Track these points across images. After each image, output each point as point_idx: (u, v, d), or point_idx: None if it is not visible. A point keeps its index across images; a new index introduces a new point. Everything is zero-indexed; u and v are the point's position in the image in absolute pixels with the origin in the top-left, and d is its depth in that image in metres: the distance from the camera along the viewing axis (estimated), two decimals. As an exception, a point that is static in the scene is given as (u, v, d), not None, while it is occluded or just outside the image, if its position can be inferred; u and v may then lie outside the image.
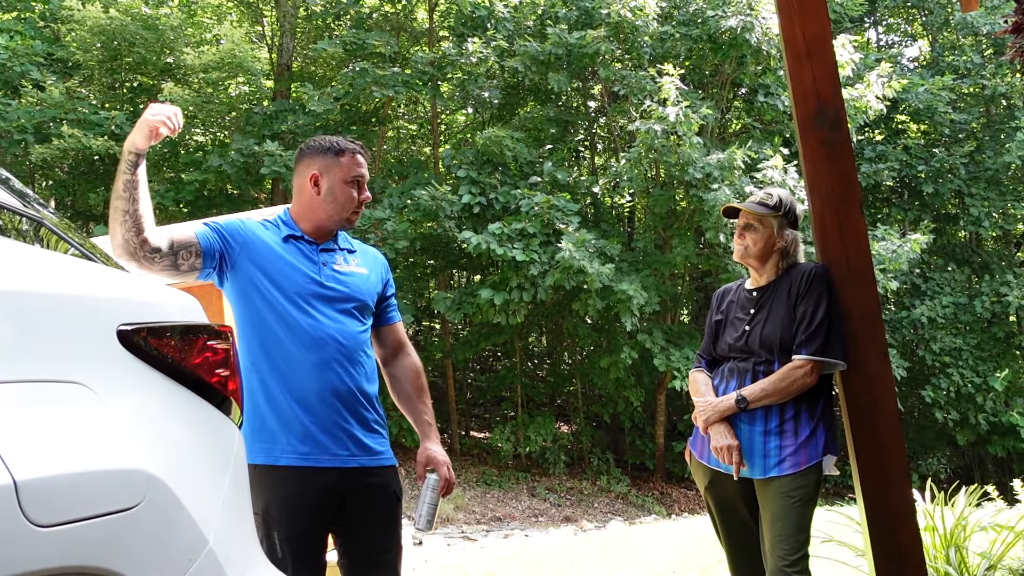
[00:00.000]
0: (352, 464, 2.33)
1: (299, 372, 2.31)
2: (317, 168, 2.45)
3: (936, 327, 16.24)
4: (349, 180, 2.45)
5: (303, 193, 2.48)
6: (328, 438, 2.30)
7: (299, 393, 2.30)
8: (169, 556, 1.19)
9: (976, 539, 4.05)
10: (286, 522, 2.22)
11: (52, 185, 16.17)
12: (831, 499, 12.71)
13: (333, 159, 2.45)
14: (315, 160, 2.46)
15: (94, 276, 1.39)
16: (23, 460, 0.98)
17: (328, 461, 2.29)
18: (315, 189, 2.44)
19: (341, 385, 2.34)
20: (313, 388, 2.31)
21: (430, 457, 2.52)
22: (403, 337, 2.68)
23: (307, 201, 2.46)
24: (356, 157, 2.47)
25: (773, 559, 2.58)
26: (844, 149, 2.72)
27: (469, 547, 9.41)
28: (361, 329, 2.47)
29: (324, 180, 2.44)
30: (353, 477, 2.33)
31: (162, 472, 1.20)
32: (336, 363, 2.35)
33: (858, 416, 2.63)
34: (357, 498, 2.35)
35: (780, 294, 2.80)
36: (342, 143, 2.48)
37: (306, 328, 2.33)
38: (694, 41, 14.65)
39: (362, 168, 2.48)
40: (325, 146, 2.47)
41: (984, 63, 17.70)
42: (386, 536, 2.41)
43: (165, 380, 1.36)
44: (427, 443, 2.54)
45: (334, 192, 2.43)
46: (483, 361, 20.36)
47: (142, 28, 15.04)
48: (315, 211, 2.45)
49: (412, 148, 19.95)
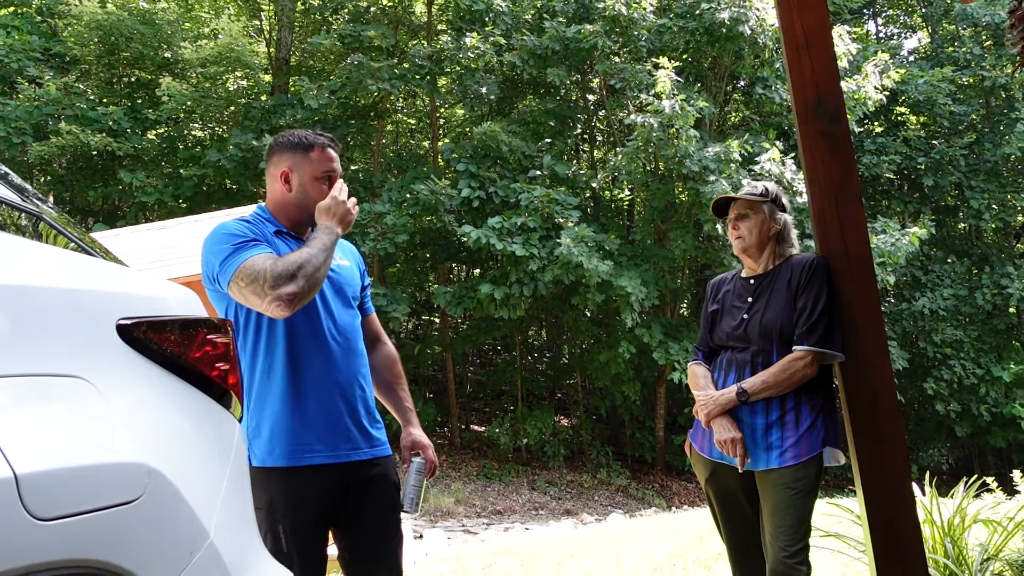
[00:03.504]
0: (355, 458, 2.35)
1: (311, 368, 2.31)
2: (287, 164, 2.41)
3: (937, 319, 16.25)
4: (319, 176, 2.40)
5: (275, 190, 2.44)
6: (334, 432, 2.31)
7: (309, 389, 2.30)
8: (170, 549, 1.20)
9: (975, 530, 4.06)
10: (291, 516, 2.22)
11: (50, 181, 16.14)
12: (831, 491, 12.73)
13: (302, 155, 2.40)
14: (284, 156, 2.42)
15: (94, 270, 1.39)
16: (24, 454, 0.98)
17: (334, 457, 2.30)
18: (286, 186, 2.41)
19: (347, 377, 2.36)
20: (322, 383, 2.31)
21: (415, 441, 2.57)
22: (379, 327, 2.71)
23: (279, 198, 2.43)
24: (326, 151, 2.42)
25: (774, 550, 2.59)
26: (843, 141, 2.71)
27: (470, 540, 9.43)
28: (356, 319, 2.49)
29: (294, 176, 2.40)
30: (357, 469, 2.35)
31: (163, 465, 1.20)
32: (341, 356, 2.36)
33: (857, 408, 2.63)
34: (361, 490, 2.36)
35: (779, 283, 2.79)
36: (311, 137, 2.43)
37: (315, 323, 2.33)
38: (691, 34, 14.62)
39: (333, 163, 2.43)
40: (294, 141, 2.42)
41: (984, 54, 17.67)
42: (388, 526, 2.42)
43: (165, 374, 1.36)
44: (410, 428, 2.60)
45: (304, 189, 2.39)
46: (483, 355, 20.38)
47: (139, 23, 15.01)
48: (288, 208, 2.42)
49: (411, 142, 19.93)
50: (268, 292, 2.12)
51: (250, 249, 2.22)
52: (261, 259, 2.18)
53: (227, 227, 2.32)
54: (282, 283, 2.12)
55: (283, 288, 2.12)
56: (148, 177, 14.88)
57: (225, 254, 2.23)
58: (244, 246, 2.23)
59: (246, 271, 2.16)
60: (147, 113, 15.70)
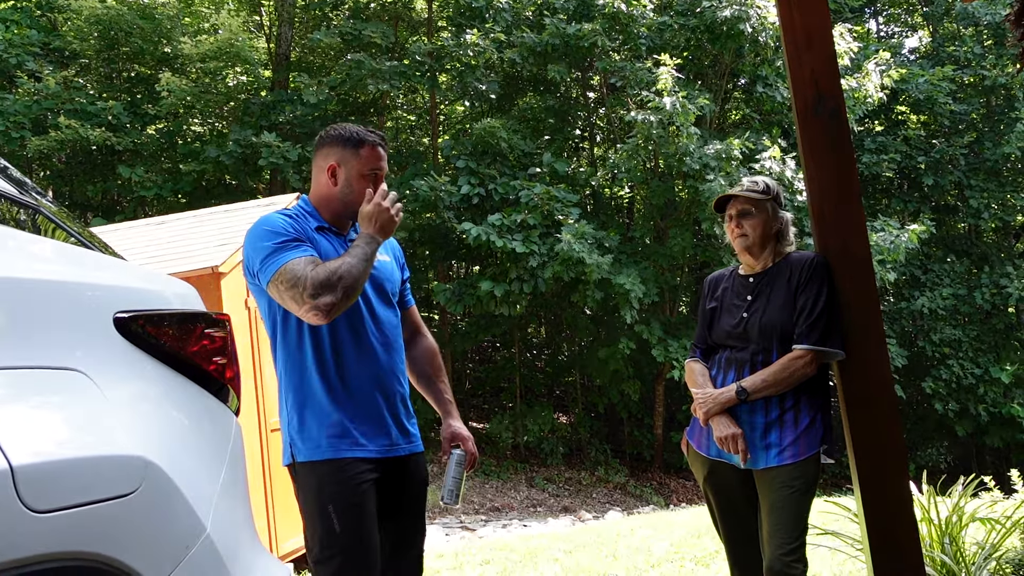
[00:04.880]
0: (394, 454, 2.37)
1: (353, 365, 2.33)
2: (335, 159, 2.41)
3: (936, 318, 16.26)
4: (367, 173, 2.41)
5: (320, 183, 2.45)
6: (376, 428, 2.34)
7: (352, 387, 2.32)
8: (167, 542, 1.19)
9: (972, 529, 4.07)
10: (341, 500, 2.23)
11: (49, 176, 16.13)
12: (829, 489, 12.74)
13: (352, 151, 2.41)
14: (334, 150, 2.42)
15: (92, 264, 1.39)
16: (20, 446, 0.97)
17: (376, 452, 2.32)
18: (332, 180, 2.42)
19: (388, 374, 2.39)
20: (365, 380, 2.34)
21: (455, 433, 2.60)
22: (419, 319, 2.73)
23: (324, 192, 2.44)
24: (376, 150, 2.43)
25: (770, 548, 2.59)
26: (843, 139, 2.70)
27: (468, 537, 9.43)
28: (396, 316, 2.52)
29: (341, 171, 2.41)
30: (395, 464, 2.38)
31: (159, 459, 1.20)
32: (382, 353, 2.39)
33: (856, 406, 2.63)
34: (397, 484, 2.39)
35: (779, 281, 2.78)
36: (362, 134, 2.43)
37: (357, 321, 2.35)
38: (692, 32, 14.61)
39: (381, 161, 2.44)
40: (345, 136, 2.42)
41: (984, 53, 17.65)
42: (419, 521, 2.48)
43: (162, 367, 1.36)
44: (450, 420, 2.62)
45: (351, 184, 2.40)
46: (482, 352, 20.37)
47: (139, 17, 14.98)
48: (332, 202, 2.43)
49: (411, 138, 19.89)
50: (307, 300, 2.14)
51: (292, 250, 2.23)
52: (302, 264, 2.19)
53: (270, 222, 2.32)
54: (321, 292, 2.14)
55: (322, 298, 2.14)
56: (147, 172, 14.86)
57: (266, 252, 2.23)
58: (286, 246, 2.23)
59: (287, 274, 2.18)
60: (146, 108, 15.67)
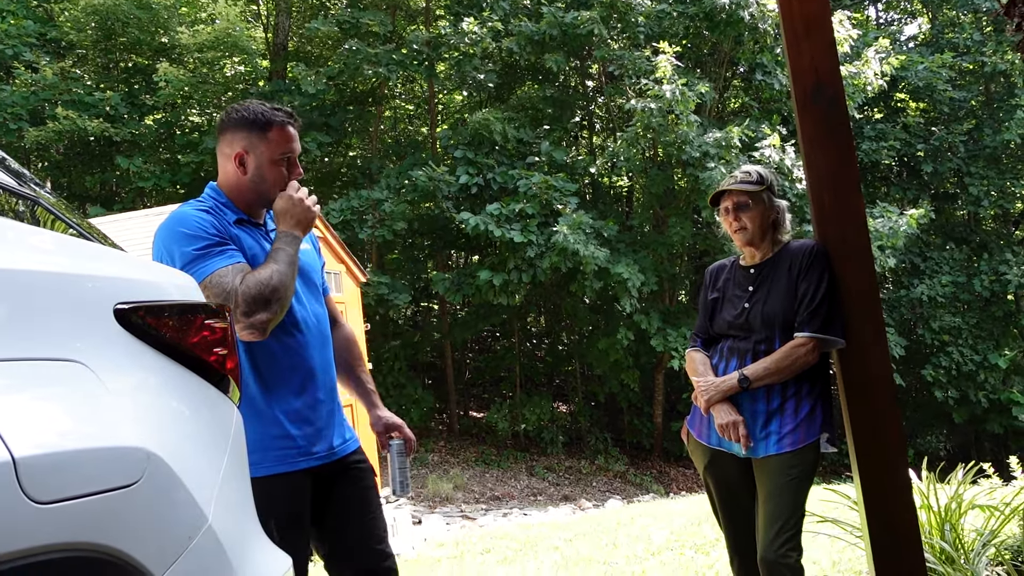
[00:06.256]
0: (343, 452, 2.27)
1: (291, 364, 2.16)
2: (241, 145, 2.17)
3: (935, 306, 16.29)
4: (278, 159, 2.18)
5: (228, 172, 2.21)
6: (320, 429, 2.20)
7: (285, 390, 2.14)
8: (168, 533, 1.20)
9: (972, 516, 4.08)
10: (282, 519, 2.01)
11: (47, 167, 16.10)
12: (828, 476, 12.78)
13: (259, 134, 2.17)
14: (239, 135, 2.18)
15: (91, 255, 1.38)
16: (22, 437, 0.98)
17: (322, 457, 2.19)
18: (240, 169, 2.18)
19: (323, 369, 2.25)
20: (297, 380, 2.16)
21: (387, 423, 2.45)
22: (336, 307, 2.54)
23: (234, 181, 2.20)
24: (286, 130, 2.19)
25: (766, 535, 2.60)
26: (842, 127, 2.70)
27: (468, 525, 9.46)
28: (323, 307, 2.35)
29: (250, 159, 2.18)
30: (343, 462, 2.27)
31: (161, 450, 1.20)
32: (316, 348, 2.23)
33: (855, 394, 2.63)
34: (348, 481, 2.27)
35: (779, 271, 2.79)
36: (268, 114, 2.19)
37: (292, 316, 2.17)
38: (691, 20, 14.57)
39: (292, 142, 2.20)
40: (249, 118, 2.18)
41: (984, 40, 17.62)
42: (378, 514, 2.33)
43: (163, 359, 1.36)
44: (377, 411, 2.47)
45: (261, 173, 2.18)
46: (481, 341, 20.40)
47: (136, 7, 14.93)
48: (244, 193, 2.20)
49: (409, 128, 19.86)
50: (240, 319, 1.97)
51: (216, 257, 2.03)
52: (231, 274, 2.00)
53: (187, 222, 2.08)
54: (255, 310, 1.98)
55: (257, 316, 1.98)
56: (145, 163, 14.84)
57: (188, 259, 2.02)
58: (210, 252, 2.03)
59: (215, 288, 1.98)
60: (144, 99, 15.64)
